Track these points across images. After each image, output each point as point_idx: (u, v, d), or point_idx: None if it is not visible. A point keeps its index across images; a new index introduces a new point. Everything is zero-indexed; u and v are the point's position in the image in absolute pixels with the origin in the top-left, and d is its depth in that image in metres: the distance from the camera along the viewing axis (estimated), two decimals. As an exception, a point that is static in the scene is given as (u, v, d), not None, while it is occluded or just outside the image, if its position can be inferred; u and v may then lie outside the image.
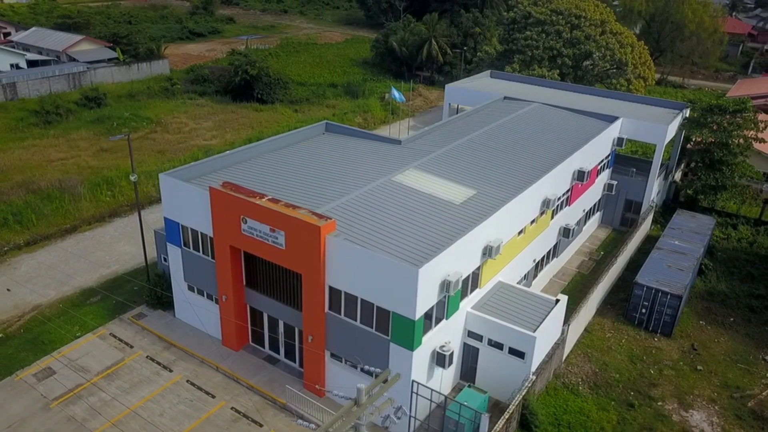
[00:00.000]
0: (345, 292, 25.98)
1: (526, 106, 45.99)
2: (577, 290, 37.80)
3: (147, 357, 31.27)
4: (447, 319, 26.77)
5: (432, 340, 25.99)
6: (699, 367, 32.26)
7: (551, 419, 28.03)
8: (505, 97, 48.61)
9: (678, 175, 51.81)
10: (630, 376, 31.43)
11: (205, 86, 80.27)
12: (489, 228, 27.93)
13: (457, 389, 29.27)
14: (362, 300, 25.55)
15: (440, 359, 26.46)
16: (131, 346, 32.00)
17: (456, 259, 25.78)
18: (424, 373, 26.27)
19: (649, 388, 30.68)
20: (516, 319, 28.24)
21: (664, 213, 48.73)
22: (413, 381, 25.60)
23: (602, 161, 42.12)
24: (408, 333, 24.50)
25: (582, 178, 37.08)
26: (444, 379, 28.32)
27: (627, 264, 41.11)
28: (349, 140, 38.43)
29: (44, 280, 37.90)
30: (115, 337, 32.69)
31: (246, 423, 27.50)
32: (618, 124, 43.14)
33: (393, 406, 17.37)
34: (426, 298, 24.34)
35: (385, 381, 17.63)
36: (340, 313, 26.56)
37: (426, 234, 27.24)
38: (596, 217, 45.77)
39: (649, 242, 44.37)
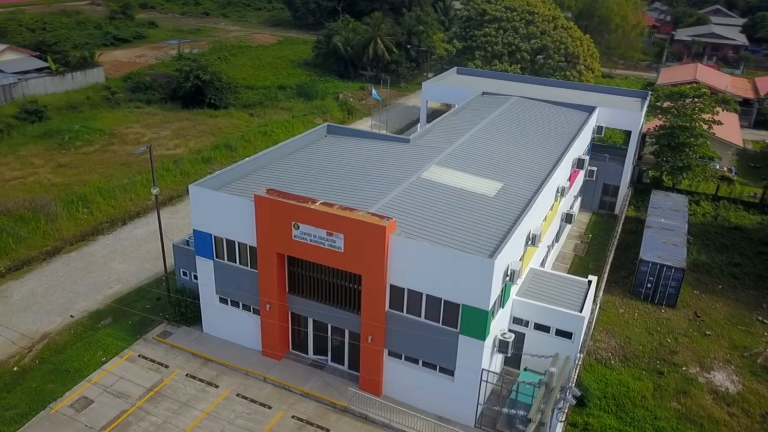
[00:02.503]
0: (408, 290, 26.37)
1: (506, 101, 47.82)
2: (579, 272, 39.90)
3: (187, 375, 30.20)
4: (503, 307, 27.77)
5: (494, 328, 26.91)
6: (708, 333, 35.16)
7: (598, 393, 29.74)
8: (483, 93, 50.25)
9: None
10: (651, 346, 33.78)
11: (149, 94, 77.06)
12: (531, 217, 29.20)
13: (504, 374, 30.32)
14: (428, 296, 26.04)
15: (502, 346, 27.44)
16: (166, 366, 30.77)
17: (513, 249, 26.83)
18: (488, 361, 27.13)
19: (671, 356, 33.14)
20: (558, 302, 29.68)
21: (632, 194, 52.17)
22: (483, 369, 26.40)
23: (585, 149, 44.64)
24: (481, 324, 25.26)
25: (581, 165, 39.25)
26: (493, 366, 29.32)
27: (618, 244, 43.81)
28: (355, 141, 38.57)
29: (44, 307, 35.53)
30: (145, 358, 31.28)
31: (312, 429, 27.30)
32: (596, 113, 45.80)
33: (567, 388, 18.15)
34: (496, 288, 25.22)
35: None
36: (402, 311, 26.91)
37: (475, 227, 28.10)
38: (578, 203, 48.35)
39: (628, 223, 47.50)
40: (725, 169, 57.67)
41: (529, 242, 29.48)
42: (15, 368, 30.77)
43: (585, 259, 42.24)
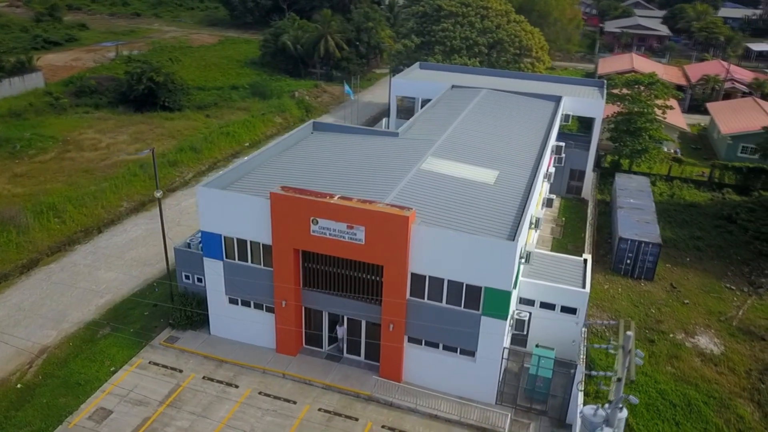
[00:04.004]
0: (429, 277, 27.28)
1: (477, 93, 49.43)
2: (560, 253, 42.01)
3: (204, 378, 29.97)
4: (515, 288, 29.13)
5: (511, 308, 28.23)
6: (686, 301, 37.94)
7: (603, 364, 31.67)
8: (453, 86, 51.67)
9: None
10: (639, 317, 36.14)
11: (96, 98, 74.15)
12: (533, 201, 30.72)
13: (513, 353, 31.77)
14: (449, 281, 27.04)
15: (519, 324, 28.88)
16: (180, 371, 30.39)
17: (524, 232, 28.22)
18: (505, 340, 28.44)
19: (658, 325, 35.60)
20: (561, 281, 31.39)
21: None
22: (504, 348, 27.69)
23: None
24: (503, 304, 26.51)
25: (559, 152, 41.28)
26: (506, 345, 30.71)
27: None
28: (344, 137, 39.03)
29: (35, 321, 34.18)
30: (157, 364, 30.76)
31: (341, 420, 27.79)
32: (563, 102, 48.12)
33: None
34: (515, 270, 26.51)
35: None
36: (423, 298, 27.79)
37: (485, 213, 29.32)
38: (547, 188, 50.61)
39: (596, 205, 50.17)
40: (672, 151, 61.65)
41: (532, 225, 30.99)
42: (19, 385, 29.58)
43: (563, 241, 44.41)
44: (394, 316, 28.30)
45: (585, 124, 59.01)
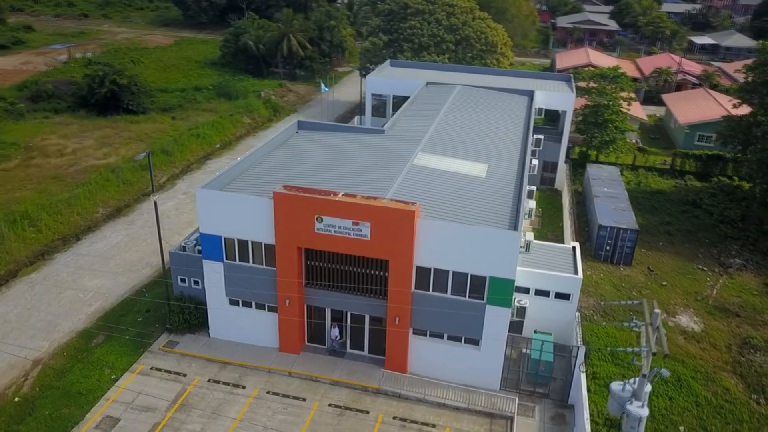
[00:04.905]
0: (434, 269, 27.94)
1: (453, 89, 50.37)
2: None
3: (209, 380, 29.84)
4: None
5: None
6: (664, 283, 39.84)
7: (594, 346, 33.02)
8: (427, 83, 52.47)
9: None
10: (622, 300, 37.75)
11: (54, 102, 71.85)
12: (525, 193, 31.76)
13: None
14: (454, 272, 27.76)
15: (520, 311, 29.86)
16: (184, 375, 30.15)
17: (522, 222, 29.21)
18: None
19: (641, 307, 37.20)
20: (555, 268, 32.53)
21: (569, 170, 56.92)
22: (508, 335, 28.62)
23: (530, 130, 48.28)
24: (507, 292, 27.40)
25: (538, 144, 42.59)
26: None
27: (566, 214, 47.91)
28: (331, 135, 39.25)
29: (25, 332, 33.23)
30: (159, 370, 30.42)
31: (352, 414, 28.18)
32: (536, 96, 49.57)
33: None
34: (517, 259, 27.46)
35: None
36: (428, 290, 28.44)
37: (483, 205, 30.18)
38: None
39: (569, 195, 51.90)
40: (633, 141, 64.19)
41: (526, 216, 32.02)
42: (16, 399, 28.80)
43: (542, 230, 45.82)
44: (399, 310, 28.84)
45: (549, 117, 60.69)
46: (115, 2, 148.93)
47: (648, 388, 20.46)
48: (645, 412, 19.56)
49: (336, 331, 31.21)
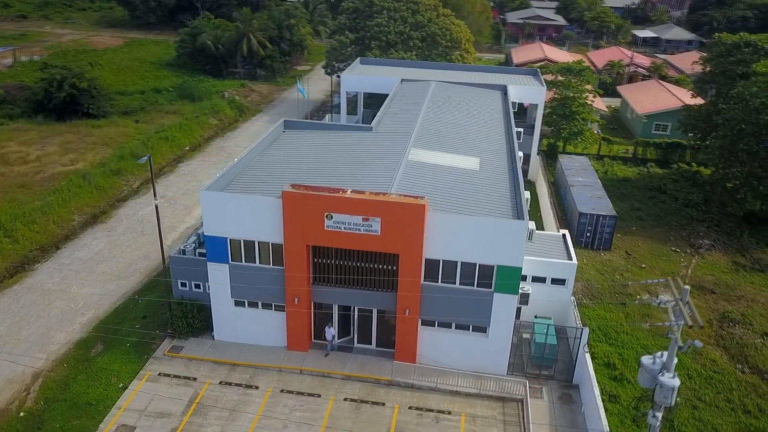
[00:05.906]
0: (443, 260, 28.68)
1: (429, 85, 51.19)
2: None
3: (221, 383, 29.72)
4: (517, 265, 31.19)
5: (517, 284, 30.26)
6: (642, 266, 41.89)
7: (593, 325, 34.51)
8: (402, 80, 53.14)
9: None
10: (606, 284, 39.55)
11: (5, 108, 68.89)
12: (522, 183, 32.90)
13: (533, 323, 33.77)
14: (462, 263, 28.58)
15: (524, 298, 30.94)
16: (194, 378, 29.92)
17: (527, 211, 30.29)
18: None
19: (625, 289, 39.17)
20: (550, 255, 33.83)
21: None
22: (516, 321, 29.67)
23: (506, 123, 49.69)
24: (514, 280, 28.42)
25: (519, 137, 43.93)
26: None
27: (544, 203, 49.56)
28: (319, 133, 39.43)
29: (18, 346, 32.15)
30: (167, 375, 30.08)
31: (369, 406, 28.66)
32: (509, 90, 51.01)
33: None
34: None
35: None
36: (436, 281, 29.17)
37: (483, 197, 31.10)
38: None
39: (542, 185, 53.61)
40: (596, 132, 66.73)
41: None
42: (22, 413, 27.94)
43: (522, 220, 47.25)
44: (409, 302, 29.46)
45: (516, 110, 62.48)
46: (54, 2, 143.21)
47: (675, 361, 21.75)
48: (677, 382, 20.82)
49: (332, 332, 31.32)
